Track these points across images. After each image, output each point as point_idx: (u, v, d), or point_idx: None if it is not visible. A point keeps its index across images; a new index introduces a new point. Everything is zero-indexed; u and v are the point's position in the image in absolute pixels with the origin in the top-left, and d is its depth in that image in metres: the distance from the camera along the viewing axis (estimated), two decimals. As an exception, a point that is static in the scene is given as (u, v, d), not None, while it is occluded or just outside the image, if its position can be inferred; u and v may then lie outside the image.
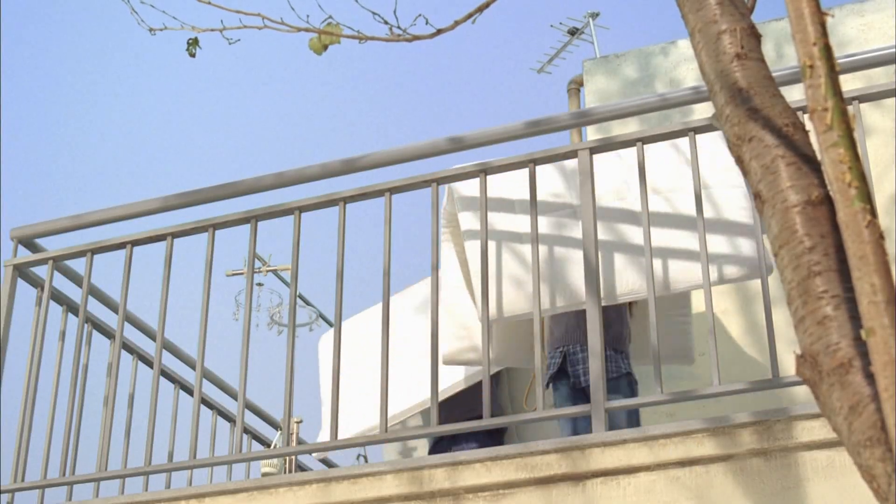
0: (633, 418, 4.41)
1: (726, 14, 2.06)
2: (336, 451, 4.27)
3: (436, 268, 3.84)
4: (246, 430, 5.75)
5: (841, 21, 7.61)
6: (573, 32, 9.37)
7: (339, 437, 3.93)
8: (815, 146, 1.69)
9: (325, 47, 3.07)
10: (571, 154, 3.94)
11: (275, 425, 6.09)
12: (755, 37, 2.05)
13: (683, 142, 4.09)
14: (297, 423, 7.91)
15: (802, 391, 5.18)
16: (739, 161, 1.92)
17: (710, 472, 3.19)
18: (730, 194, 4.09)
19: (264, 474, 7.60)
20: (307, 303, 8.49)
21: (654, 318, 3.58)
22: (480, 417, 4.52)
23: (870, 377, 1.54)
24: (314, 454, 5.26)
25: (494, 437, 4.79)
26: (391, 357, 4.02)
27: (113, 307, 4.67)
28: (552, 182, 4.27)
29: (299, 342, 4.15)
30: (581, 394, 4.46)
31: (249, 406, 5.75)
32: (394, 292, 4.53)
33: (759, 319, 6.56)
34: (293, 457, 6.03)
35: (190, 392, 5.12)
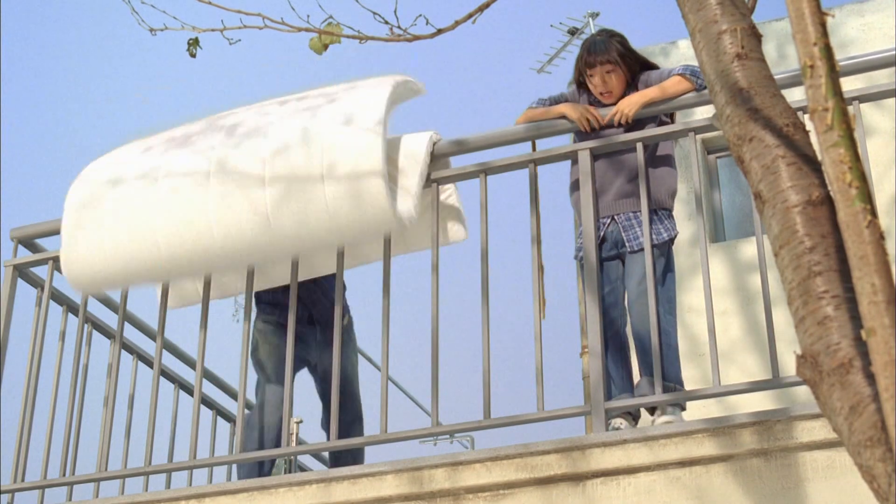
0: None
1: (727, 14, 2.06)
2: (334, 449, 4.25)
3: (436, 268, 3.85)
4: (246, 430, 5.73)
5: (842, 21, 7.62)
6: (573, 32, 9.38)
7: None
8: (816, 146, 1.69)
9: (326, 47, 3.08)
10: (572, 155, 3.95)
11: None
12: (756, 37, 2.05)
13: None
14: (297, 423, 7.89)
15: (802, 391, 5.18)
16: (740, 161, 1.92)
17: (710, 472, 3.19)
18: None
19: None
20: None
21: (655, 318, 3.57)
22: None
23: (870, 377, 1.54)
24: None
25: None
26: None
27: (113, 307, 4.67)
28: None
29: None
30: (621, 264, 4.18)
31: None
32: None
33: (759, 319, 6.56)
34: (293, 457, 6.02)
35: (190, 392, 5.12)
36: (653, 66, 4.30)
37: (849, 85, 2.41)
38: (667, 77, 4.11)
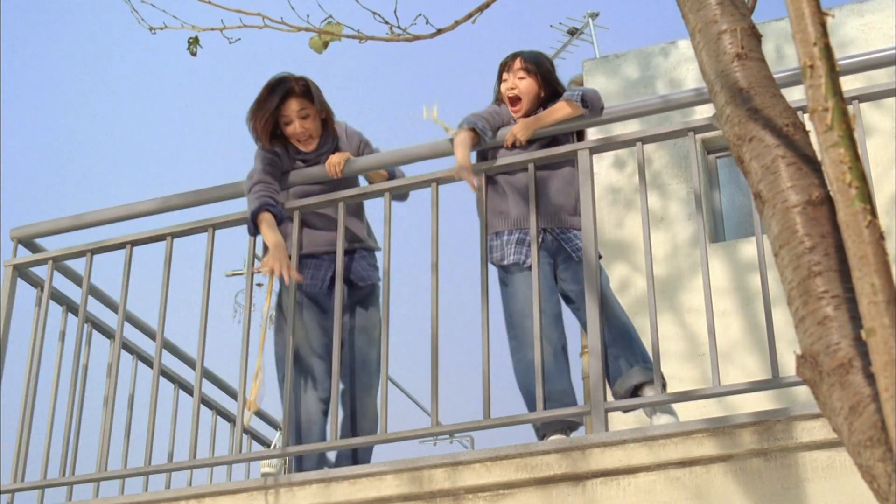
0: None
1: (727, 14, 2.06)
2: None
3: (436, 268, 3.85)
4: (246, 430, 5.74)
5: (841, 21, 7.62)
6: (573, 32, 9.38)
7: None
8: (816, 146, 1.69)
9: (326, 45, 3.08)
10: (571, 154, 3.95)
11: (274, 425, 6.09)
12: (755, 37, 2.05)
13: None
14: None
15: (802, 391, 5.19)
16: (740, 161, 1.92)
17: (710, 472, 3.19)
18: None
19: (264, 474, 7.57)
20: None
21: (654, 318, 3.57)
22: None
23: (870, 377, 1.54)
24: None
25: None
26: None
27: (113, 307, 4.67)
28: None
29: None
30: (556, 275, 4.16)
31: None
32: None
33: (759, 319, 6.56)
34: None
35: (190, 392, 5.12)
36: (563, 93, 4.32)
37: (849, 84, 2.41)
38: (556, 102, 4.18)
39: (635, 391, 3.92)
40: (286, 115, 4.25)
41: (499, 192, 4.22)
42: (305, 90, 4.26)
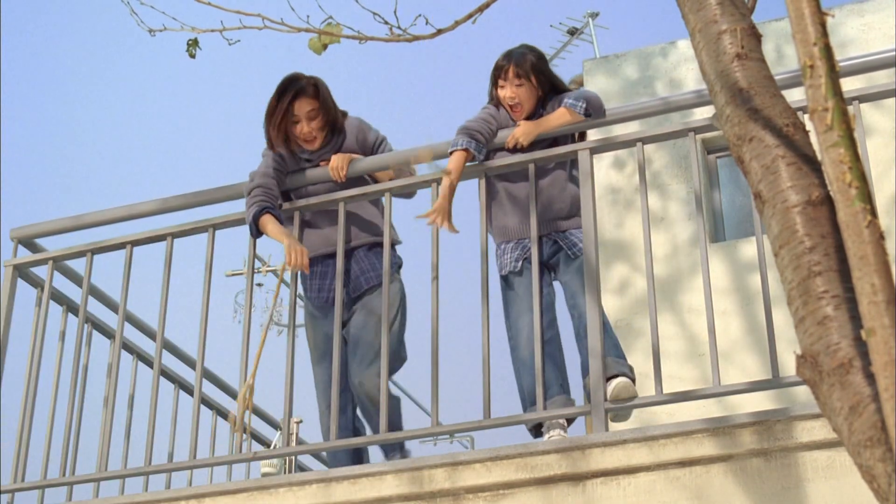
0: None
1: (727, 14, 2.06)
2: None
3: (436, 268, 3.85)
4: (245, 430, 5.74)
5: (841, 21, 7.62)
6: (573, 32, 9.39)
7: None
8: (816, 146, 1.69)
9: (325, 47, 3.07)
10: (571, 154, 3.95)
11: (274, 425, 6.09)
12: (755, 37, 2.05)
13: None
14: (297, 423, 7.87)
15: (802, 391, 5.18)
16: (740, 161, 1.92)
17: (710, 472, 3.19)
18: None
19: (264, 474, 7.58)
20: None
21: (654, 318, 3.57)
22: None
23: (870, 377, 1.54)
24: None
25: None
26: None
27: (113, 307, 4.67)
28: None
29: (299, 342, 4.14)
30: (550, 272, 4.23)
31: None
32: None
33: (759, 319, 6.56)
34: (293, 457, 6.01)
35: (190, 392, 5.12)
36: (564, 90, 4.30)
37: (848, 85, 2.41)
38: (558, 106, 4.16)
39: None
40: (295, 115, 4.24)
41: (498, 202, 4.23)
42: (315, 91, 4.26)
